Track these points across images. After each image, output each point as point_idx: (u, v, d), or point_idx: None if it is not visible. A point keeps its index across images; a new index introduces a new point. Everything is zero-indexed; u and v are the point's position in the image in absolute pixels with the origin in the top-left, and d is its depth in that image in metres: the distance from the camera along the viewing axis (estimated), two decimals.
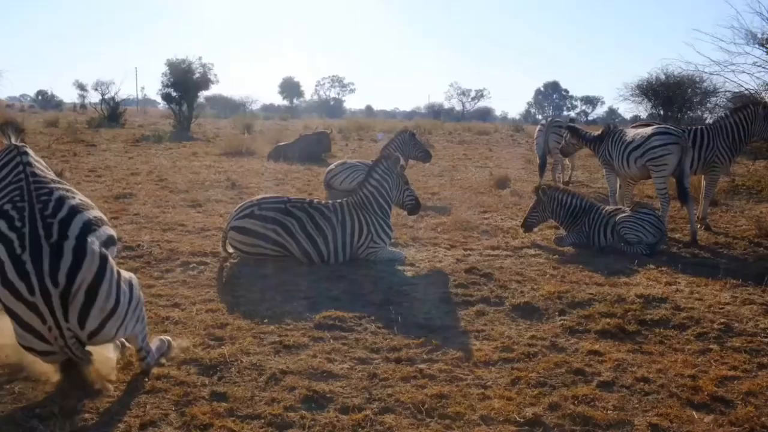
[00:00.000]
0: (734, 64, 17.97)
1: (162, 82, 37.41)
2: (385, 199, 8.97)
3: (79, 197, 5.13)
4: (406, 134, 15.43)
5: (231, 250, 8.68)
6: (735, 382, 5.29)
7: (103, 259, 4.62)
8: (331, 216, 8.60)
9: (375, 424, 4.52)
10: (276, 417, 4.56)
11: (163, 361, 5.34)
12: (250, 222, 8.43)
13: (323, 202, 9.04)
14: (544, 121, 17.75)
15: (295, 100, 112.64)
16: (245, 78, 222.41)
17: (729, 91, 18.46)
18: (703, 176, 11.91)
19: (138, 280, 5.18)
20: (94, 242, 4.64)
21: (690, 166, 11.27)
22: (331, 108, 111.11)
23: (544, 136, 16.47)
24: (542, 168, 16.61)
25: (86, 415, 4.51)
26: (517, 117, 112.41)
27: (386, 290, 7.52)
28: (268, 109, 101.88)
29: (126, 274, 4.92)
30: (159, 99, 43.89)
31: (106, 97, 44.73)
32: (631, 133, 11.29)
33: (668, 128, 11.48)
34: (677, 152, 10.70)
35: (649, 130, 11.13)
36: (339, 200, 9.04)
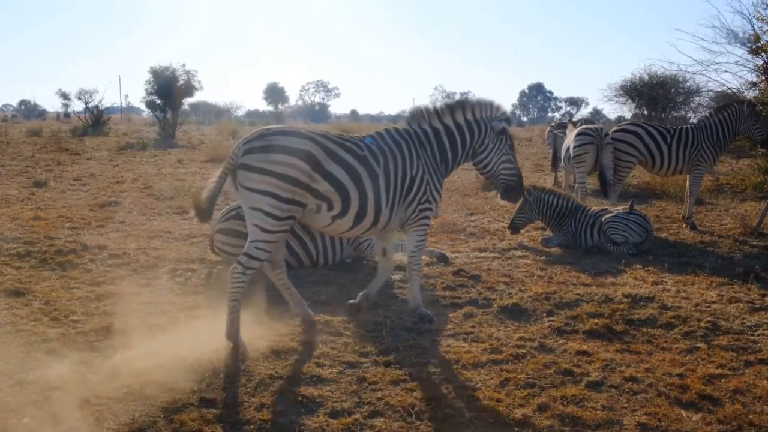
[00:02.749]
0: (716, 64, 18.06)
1: (146, 90, 37.25)
2: None
3: None
4: None
5: (217, 257, 8.65)
6: (722, 380, 5.31)
7: None
8: None
9: (365, 428, 4.52)
10: (265, 422, 4.55)
11: None
12: (236, 223, 8.34)
13: None
14: (553, 123, 18.09)
15: (280, 106, 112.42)
16: (229, 84, 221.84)
17: (712, 90, 18.60)
18: (687, 175, 11.98)
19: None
20: None
21: (670, 165, 11.60)
22: (316, 113, 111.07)
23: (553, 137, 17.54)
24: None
25: (75, 424, 4.48)
26: None
27: (375, 293, 7.51)
28: (253, 115, 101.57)
29: None
30: (143, 106, 43.67)
31: (89, 105, 44.63)
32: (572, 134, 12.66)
33: (586, 129, 12.45)
34: (593, 150, 11.99)
35: (576, 131, 12.58)
36: None
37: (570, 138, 13.23)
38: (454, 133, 6.60)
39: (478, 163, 6.85)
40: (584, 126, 13.14)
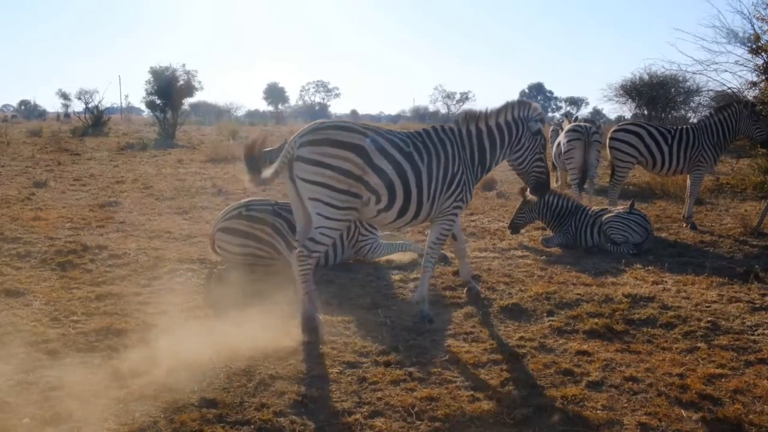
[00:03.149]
0: (716, 63, 18.10)
1: (146, 90, 37.29)
2: None
3: None
4: None
5: (217, 257, 8.65)
6: (722, 380, 5.31)
7: None
8: None
9: (365, 428, 4.52)
10: (266, 422, 4.55)
11: None
12: (238, 222, 8.38)
13: None
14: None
15: (280, 106, 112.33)
16: (229, 84, 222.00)
17: (712, 90, 18.62)
18: (688, 175, 11.98)
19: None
20: None
21: (671, 165, 11.65)
22: (317, 113, 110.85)
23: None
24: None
25: (75, 423, 4.48)
26: None
27: (374, 294, 7.52)
28: (253, 115, 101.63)
29: None
30: (143, 107, 43.73)
31: (89, 105, 44.68)
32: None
33: (576, 126, 12.93)
34: (581, 147, 12.63)
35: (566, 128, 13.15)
36: None
37: (561, 135, 13.49)
38: (494, 134, 6.86)
39: (513, 160, 7.15)
40: (574, 123, 13.36)
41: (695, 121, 15.55)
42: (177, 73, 37.07)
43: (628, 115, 35.74)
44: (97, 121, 41.19)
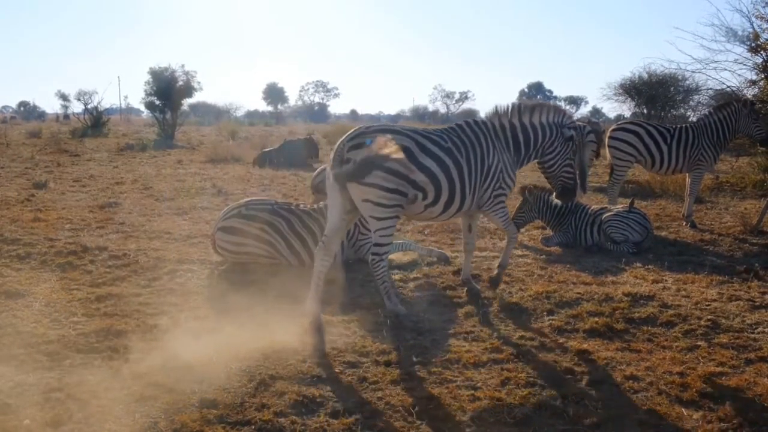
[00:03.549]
0: (716, 62, 18.12)
1: (145, 91, 37.31)
2: None
3: None
4: None
5: (218, 257, 8.65)
6: (723, 378, 5.31)
7: None
8: (318, 217, 8.61)
9: (365, 428, 4.52)
10: (266, 423, 4.55)
11: None
12: (238, 221, 8.43)
13: (308, 207, 9.02)
14: None
15: (279, 106, 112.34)
16: (229, 85, 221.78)
17: (711, 89, 18.64)
18: (687, 174, 11.99)
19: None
20: None
21: (670, 164, 11.62)
22: (316, 113, 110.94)
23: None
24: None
25: (75, 425, 4.48)
26: None
27: (374, 293, 7.51)
28: (253, 116, 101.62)
29: None
30: (142, 107, 43.70)
31: (89, 106, 44.67)
32: None
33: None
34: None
35: None
36: (322, 203, 9.03)
37: None
38: (528, 132, 7.21)
39: (543, 163, 7.49)
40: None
41: (694, 119, 15.54)
42: (176, 73, 37.10)
43: (627, 113, 35.74)
44: (96, 122, 41.17)
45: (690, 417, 4.69)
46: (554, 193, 7.86)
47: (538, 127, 7.21)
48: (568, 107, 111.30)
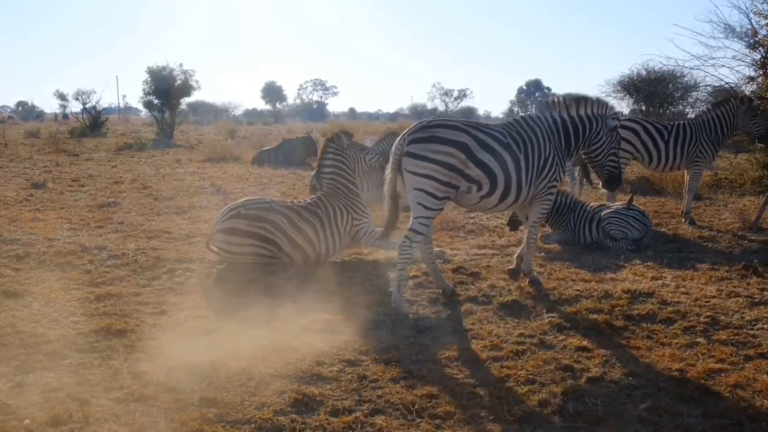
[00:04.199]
0: (714, 59, 18.01)
1: (143, 90, 37.30)
2: (345, 177, 9.08)
3: None
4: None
5: (216, 256, 8.64)
6: (722, 375, 5.31)
7: None
8: (315, 209, 8.72)
9: (365, 426, 4.52)
10: (266, 421, 4.55)
11: None
12: (237, 222, 8.45)
13: (303, 201, 9.10)
14: None
15: (277, 105, 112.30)
16: (227, 84, 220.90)
17: (710, 86, 18.51)
18: (686, 171, 11.99)
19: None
20: None
21: (668, 161, 11.63)
22: (314, 111, 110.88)
23: None
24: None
25: (75, 424, 4.48)
26: (501, 116, 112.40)
27: (374, 292, 7.52)
28: (251, 114, 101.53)
29: None
30: (141, 107, 43.68)
31: (87, 106, 44.62)
32: None
33: None
34: None
35: None
36: (313, 196, 9.12)
37: None
38: (577, 124, 7.50)
39: (589, 153, 7.80)
40: None
41: (692, 116, 15.55)
42: (174, 72, 37.09)
43: (626, 111, 35.69)
44: (95, 121, 41.13)
45: (689, 414, 4.69)
46: (601, 182, 8.29)
47: (585, 119, 7.51)
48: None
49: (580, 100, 7.55)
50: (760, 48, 15.47)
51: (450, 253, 9.15)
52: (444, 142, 6.74)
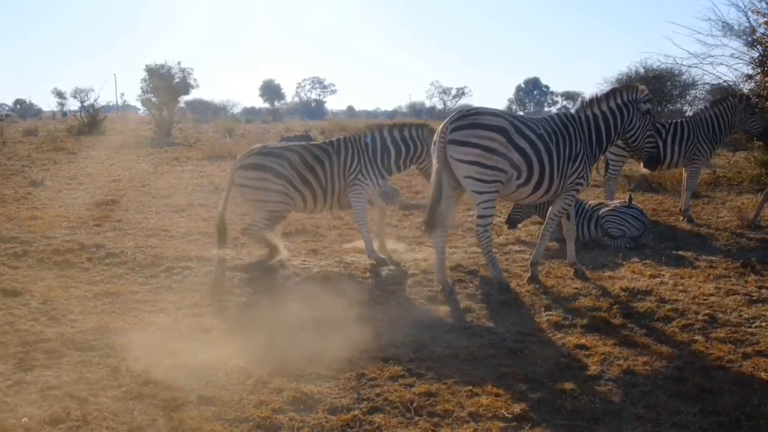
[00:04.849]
0: (712, 56, 18.07)
1: (141, 88, 37.35)
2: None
3: None
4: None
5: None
6: (720, 372, 5.32)
7: None
8: (327, 148, 9.01)
9: (364, 424, 4.52)
10: (264, 420, 4.54)
11: None
12: (259, 158, 8.76)
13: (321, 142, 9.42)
14: None
15: (276, 103, 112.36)
16: (225, 82, 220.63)
17: (708, 84, 18.59)
18: (684, 169, 11.99)
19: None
20: None
21: (665, 159, 11.59)
22: (313, 110, 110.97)
23: None
24: None
25: (73, 422, 4.48)
26: None
27: (372, 290, 7.53)
28: (250, 113, 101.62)
29: None
30: (139, 105, 43.74)
31: (85, 104, 44.55)
32: None
33: None
34: None
35: None
36: (335, 138, 9.42)
37: None
38: (608, 118, 7.71)
39: (626, 139, 8.00)
40: None
41: (690, 114, 15.55)
42: (173, 71, 37.15)
43: None
44: (92, 119, 41.10)
45: (688, 411, 4.69)
46: (641, 164, 8.57)
47: (616, 111, 7.69)
48: (564, 102, 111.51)
49: (608, 93, 7.79)
50: (758, 46, 15.50)
51: (448, 252, 9.14)
52: (485, 127, 7.03)
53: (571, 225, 8.19)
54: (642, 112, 7.75)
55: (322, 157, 8.80)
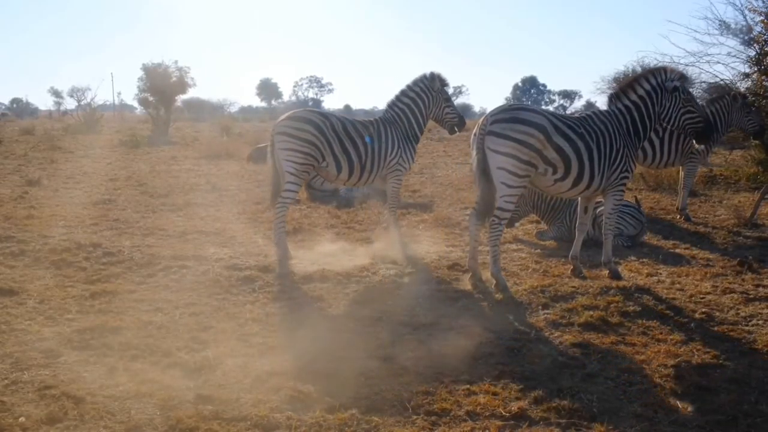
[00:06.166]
0: (709, 55, 18.10)
1: (138, 87, 37.21)
2: (416, 116, 9.63)
3: None
4: None
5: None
6: (718, 370, 5.33)
7: None
8: (368, 125, 9.26)
9: (361, 423, 4.51)
10: (262, 418, 4.54)
11: None
12: (307, 113, 9.20)
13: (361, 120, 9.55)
14: None
15: (273, 102, 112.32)
16: (223, 81, 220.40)
17: (705, 82, 18.58)
18: (681, 167, 12.00)
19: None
20: None
21: (662, 157, 11.63)
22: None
23: None
24: None
25: (71, 422, 4.47)
26: None
27: (370, 289, 7.52)
28: (247, 111, 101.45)
29: None
30: (136, 104, 43.66)
31: (82, 103, 44.46)
32: None
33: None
34: None
35: None
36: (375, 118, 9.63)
37: None
38: (639, 106, 7.80)
39: (662, 122, 8.05)
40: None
41: None
42: (169, 69, 36.98)
43: None
44: (89, 118, 41.01)
45: (685, 409, 4.70)
46: (693, 141, 8.67)
47: (645, 97, 7.76)
48: (561, 101, 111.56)
49: (632, 82, 7.91)
50: (754, 45, 15.52)
51: (437, 253, 9.15)
52: (525, 123, 7.15)
53: (587, 219, 8.32)
54: (669, 91, 7.76)
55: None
